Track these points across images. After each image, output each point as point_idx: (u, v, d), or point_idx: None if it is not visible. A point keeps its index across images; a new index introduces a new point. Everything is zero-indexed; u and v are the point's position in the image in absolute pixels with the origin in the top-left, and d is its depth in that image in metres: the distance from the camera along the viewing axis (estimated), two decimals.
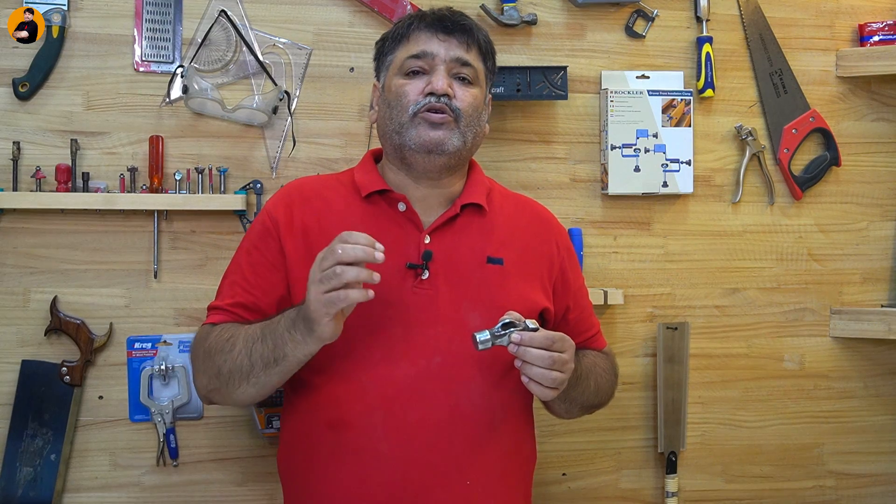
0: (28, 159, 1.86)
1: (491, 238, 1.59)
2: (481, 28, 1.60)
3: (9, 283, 1.87)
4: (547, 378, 1.39)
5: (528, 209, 1.70)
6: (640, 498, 2.11)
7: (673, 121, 2.08)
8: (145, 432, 1.90)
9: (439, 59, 1.53)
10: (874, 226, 2.20)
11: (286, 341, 1.41)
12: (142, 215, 1.90)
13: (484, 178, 1.66)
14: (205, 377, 1.52)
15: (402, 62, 1.55)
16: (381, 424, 1.46)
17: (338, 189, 1.61)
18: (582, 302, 1.71)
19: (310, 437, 1.53)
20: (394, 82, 1.56)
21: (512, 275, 1.57)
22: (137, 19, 1.91)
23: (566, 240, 1.72)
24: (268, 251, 1.56)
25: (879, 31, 2.15)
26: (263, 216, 1.59)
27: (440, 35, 1.54)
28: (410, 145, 1.53)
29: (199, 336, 1.56)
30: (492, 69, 1.63)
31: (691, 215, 2.13)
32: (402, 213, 1.56)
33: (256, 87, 1.94)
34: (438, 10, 1.58)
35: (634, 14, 2.09)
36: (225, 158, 1.94)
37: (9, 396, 1.86)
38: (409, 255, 1.53)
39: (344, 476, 1.48)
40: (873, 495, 2.21)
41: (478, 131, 1.58)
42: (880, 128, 2.20)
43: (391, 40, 1.59)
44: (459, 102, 1.53)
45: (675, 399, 2.09)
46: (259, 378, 1.45)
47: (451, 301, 1.51)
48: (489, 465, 1.50)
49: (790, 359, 2.17)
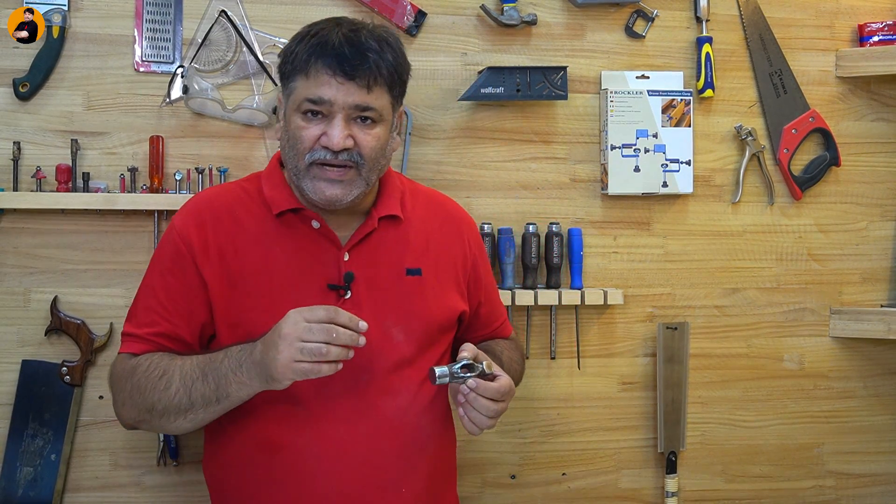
0: (28, 159, 1.86)
1: (407, 248, 1.58)
2: (387, 52, 1.48)
3: (9, 283, 1.87)
4: (483, 423, 1.45)
5: (439, 209, 1.68)
6: (640, 498, 2.11)
7: (673, 121, 2.08)
8: (145, 432, 1.90)
9: (337, 106, 1.45)
10: (874, 226, 2.20)
11: (230, 382, 1.41)
12: (142, 215, 1.90)
13: (396, 183, 1.63)
14: (133, 410, 1.50)
15: (300, 102, 1.47)
16: (313, 444, 1.47)
17: (248, 205, 1.56)
18: (491, 294, 1.74)
19: (240, 457, 1.52)
20: (292, 120, 1.49)
21: (430, 284, 1.58)
22: (137, 19, 1.91)
23: (476, 234, 1.73)
24: (184, 276, 1.51)
25: (879, 31, 2.15)
26: (175, 238, 1.53)
27: (338, 78, 1.44)
28: (309, 194, 1.50)
29: (121, 368, 1.52)
30: (399, 94, 1.53)
31: (691, 215, 2.13)
32: (317, 231, 1.54)
33: (256, 87, 1.94)
34: (340, 38, 1.45)
35: (634, 14, 2.10)
36: (225, 158, 1.94)
37: (9, 396, 1.86)
38: (328, 275, 1.52)
39: (280, 498, 1.48)
40: (873, 495, 2.21)
41: (383, 164, 1.53)
42: (880, 128, 2.21)
43: (291, 66, 1.49)
44: (362, 149, 1.47)
45: (675, 399, 2.09)
46: (198, 415, 1.46)
47: (374, 318, 1.48)
48: (421, 472, 1.52)
49: (790, 359, 2.17)
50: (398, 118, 1.58)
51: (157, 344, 1.52)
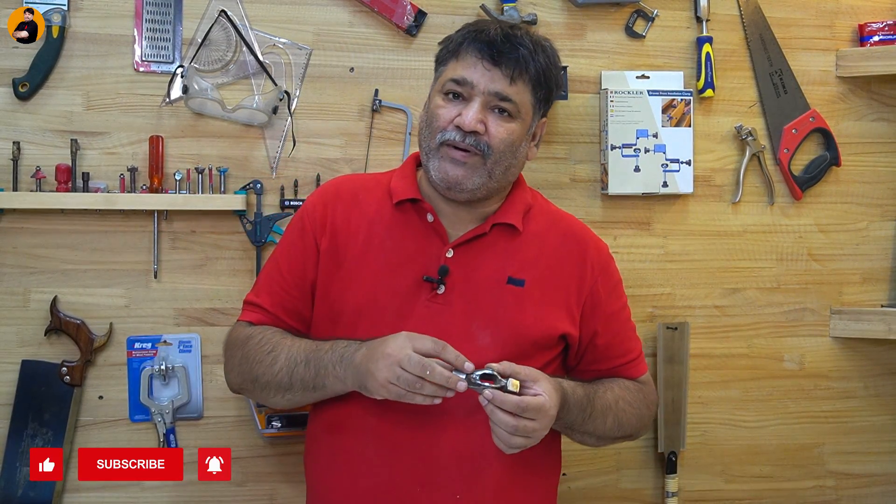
0: (28, 159, 1.86)
1: (516, 258, 1.56)
2: (540, 54, 1.51)
3: (9, 283, 1.87)
4: (506, 440, 1.38)
5: (562, 227, 1.64)
6: (640, 498, 2.11)
7: (673, 121, 2.08)
8: (145, 432, 1.90)
9: (478, 90, 1.48)
10: (874, 226, 2.20)
11: (328, 374, 1.44)
12: (142, 215, 1.90)
13: (526, 196, 1.62)
14: (239, 378, 1.56)
15: (446, 81, 1.52)
16: (372, 430, 1.47)
17: (374, 192, 1.60)
18: (616, 327, 1.63)
19: (315, 439, 1.58)
20: (434, 99, 1.54)
21: (532, 297, 1.54)
22: (137, 19, 1.91)
23: (604, 261, 1.64)
24: (304, 248, 1.58)
25: (879, 31, 2.15)
26: (302, 213, 1.62)
27: (486, 63, 1.48)
28: (433, 174, 1.52)
29: (236, 335, 1.58)
30: (545, 98, 1.55)
31: (691, 215, 2.13)
32: (430, 224, 1.56)
33: (256, 87, 1.94)
34: (497, 29, 1.50)
35: (634, 14, 2.09)
36: (225, 158, 1.94)
37: (9, 396, 1.86)
38: (429, 268, 1.52)
39: (334, 478, 1.50)
40: (873, 495, 2.21)
41: (512, 163, 1.53)
42: (880, 128, 2.20)
43: (446, 50, 1.55)
44: (490, 139, 1.49)
45: (675, 399, 2.09)
46: (295, 396, 1.50)
47: (462, 318, 1.50)
48: (485, 480, 1.47)
49: (790, 359, 2.17)
50: (539, 127, 1.59)
51: (275, 317, 1.57)
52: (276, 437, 1.92)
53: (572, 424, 1.52)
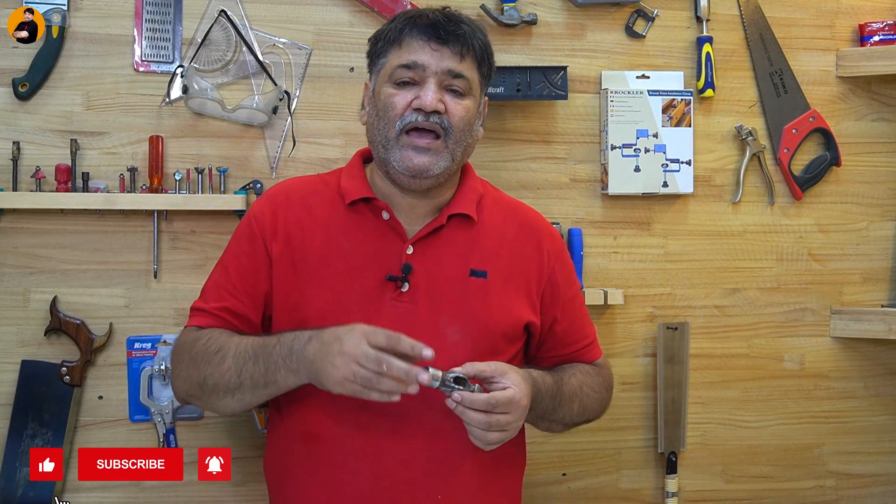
0: (28, 159, 1.86)
1: (476, 249, 1.55)
2: (478, 31, 1.53)
3: (9, 283, 1.87)
4: (482, 437, 1.39)
5: (518, 216, 1.64)
6: (640, 498, 2.11)
7: (673, 121, 2.08)
8: (145, 432, 1.90)
9: (430, 70, 1.47)
10: (874, 226, 2.20)
11: (279, 369, 1.41)
12: (142, 215, 1.90)
13: (476, 185, 1.62)
14: (186, 383, 1.52)
15: (393, 70, 1.50)
16: (351, 437, 1.46)
17: (323, 194, 1.58)
18: (573, 312, 1.65)
19: (286, 447, 1.54)
20: (383, 90, 1.51)
21: (495, 288, 1.54)
22: (137, 19, 1.91)
23: (559, 248, 1.66)
24: (254, 255, 1.54)
25: (879, 31, 2.14)
26: (250, 220, 1.58)
27: (433, 44, 1.48)
28: (395, 166, 1.50)
29: (183, 339, 1.54)
30: (487, 75, 1.57)
31: (691, 215, 2.12)
32: (386, 222, 1.54)
33: (256, 87, 1.94)
34: (434, 12, 1.51)
35: (634, 14, 2.09)
36: (225, 158, 1.94)
37: (9, 396, 1.86)
38: (390, 267, 1.51)
39: (315, 488, 1.48)
40: (873, 495, 2.21)
41: (469, 143, 1.54)
42: (880, 128, 2.20)
43: (384, 41, 1.53)
44: (450, 117, 1.48)
45: (675, 399, 2.09)
46: (245, 396, 1.46)
47: (429, 315, 1.49)
48: (464, 480, 1.48)
49: (790, 359, 2.17)
50: (483, 107, 1.60)
51: (223, 319, 1.54)
52: None
53: (543, 413, 1.52)
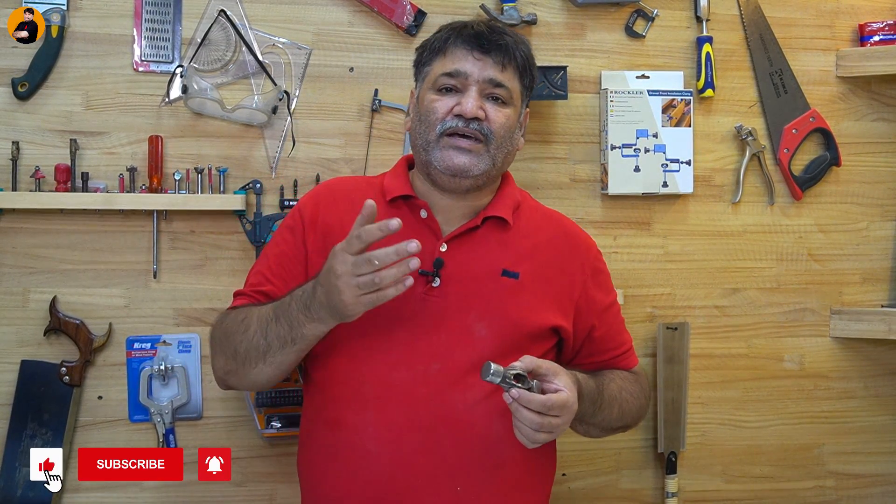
0: (27, 159, 1.86)
1: (509, 251, 1.58)
2: (521, 43, 1.58)
3: (8, 283, 1.87)
4: (530, 436, 1.40)
5: (554, 225, 1.68)
6: (640, 498, 2.11)
7: (673, 121, 2.08)
8: (145, 432, 1.90)
9: (472, 79, 1.53)
10: (874, 226, 2.20)
11: (302, 322, 1.44)
12: (141, 215, 1.90)
13: (515, 192, 1.66)
14: (222, 358, 1.57)
15: (436, 78, 1.55)
16: (372, 424, 1.48)
17: (366, 192, 1.61)
18: (610, 319, 1.68)
19: (312, 435, 1.58)
20: (426, 96, 1.56)
21: (526, 289, 1.56)
22: (137, 19, 1.91)
23: (594, 258, 1.68)
24: (294, 244, 1.59)
25: (879, 31, 2.14)
26: (294, 211, 1.64)
27: (475, 53, 1.53)
28: (436, 165, 1.54)
29: (218, 320, 1.61)
30: (529, 85, 1.61)
31: (691, 215, 2.12)
32: (423, 220, 1.57)
33: (256, 87, 1.94)
34: (478, 24, 1.57)
35: (634, 14, 2.09)
36: (224, 158, 1.93)
37: (8, 396, 1.86)
38: (423, 262, 1.50)
39: (336, 473, 1.50)
40: (873, 495, 2.21)
41: (510, 150, 1.58)
42: (880, 128, 2.20)
43: (429, 51, 1.59)
44: (491, 124, 1.53)
45: (675, 399, 2.09)
46: (276, 357, 1.49)
47: (458, 310, 1.51)
48: (484, 474, 1.49)
49: (790, 359, 2.17)
50: (525, 117, 1.64)
51: (254, 298, 1.58)
52: (275, 438, 1.92)
53: (583, 416, 1.53)
